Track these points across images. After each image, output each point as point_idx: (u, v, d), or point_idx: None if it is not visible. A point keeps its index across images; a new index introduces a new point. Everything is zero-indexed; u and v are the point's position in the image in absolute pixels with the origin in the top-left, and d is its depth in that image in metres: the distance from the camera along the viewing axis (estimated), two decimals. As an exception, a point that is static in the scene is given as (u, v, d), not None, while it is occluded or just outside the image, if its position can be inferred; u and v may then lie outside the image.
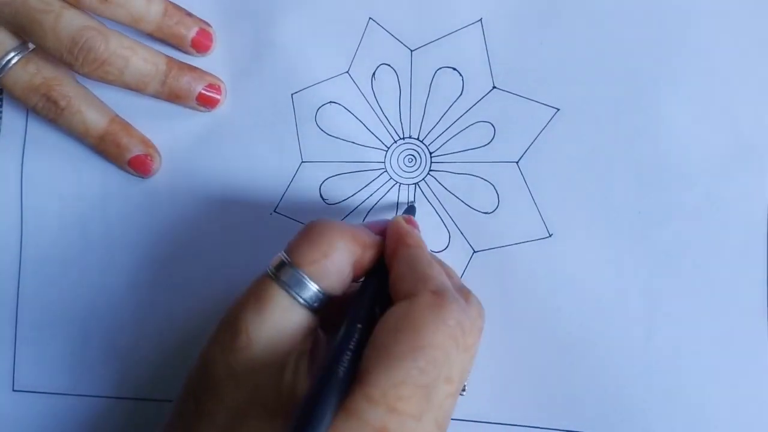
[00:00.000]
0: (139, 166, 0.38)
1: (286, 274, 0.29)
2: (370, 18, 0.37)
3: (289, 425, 0.25)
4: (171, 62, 0.37)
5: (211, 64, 0.38)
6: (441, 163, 0.37)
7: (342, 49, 0.37)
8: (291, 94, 0.37)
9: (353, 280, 0.31)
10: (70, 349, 0.38)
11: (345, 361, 0.27)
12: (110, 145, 0.38)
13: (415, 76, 0.37)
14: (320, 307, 0.30)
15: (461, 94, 0.36)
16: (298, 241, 0.30)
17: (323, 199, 0.37)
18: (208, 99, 0.37)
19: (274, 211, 0.37)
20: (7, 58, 0.36)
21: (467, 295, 0.31)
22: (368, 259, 0.31)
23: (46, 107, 0.37)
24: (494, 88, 0.36)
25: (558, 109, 0.36)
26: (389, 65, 0.37)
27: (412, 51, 0.37)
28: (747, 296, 0.34)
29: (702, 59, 0.35)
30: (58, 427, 0.38)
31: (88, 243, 0.38)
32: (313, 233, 0.30)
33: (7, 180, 0.39)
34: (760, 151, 0.34)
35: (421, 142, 0.37)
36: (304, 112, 0.37)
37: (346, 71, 0.37)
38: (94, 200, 0.39)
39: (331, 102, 0.37)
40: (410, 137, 0.37)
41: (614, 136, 0.35)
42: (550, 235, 0.35)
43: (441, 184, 0.36)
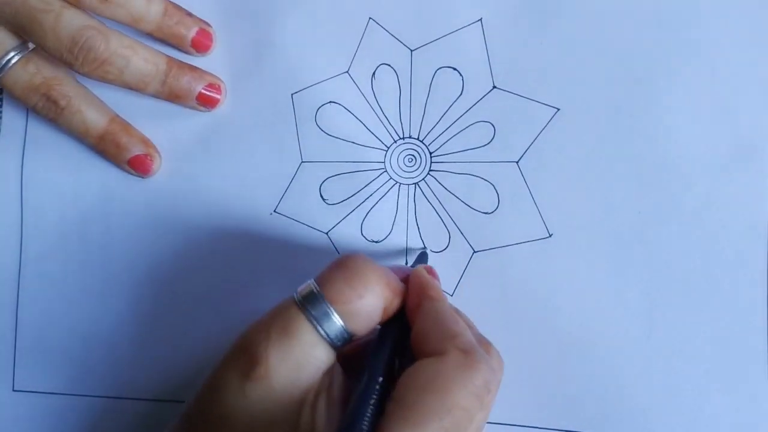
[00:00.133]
0: (139, 165, 0.38)
1: (317, 309, 0.28)
2: (370, 18, 0.37)
3: None
4: (171, 62, 0.37)
5: (211, 64, 0.38)
6: (441, 163, 0.37)
7: (342, 49, 0.37)
8: (291, 94, 0.37)
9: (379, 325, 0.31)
10: (70, 349, 0.38)
11: (367, 416, 0.26)
12: (110, 145, 0.38)
13: (415, 76, 0.37)
14: (342, 346, 0.29)
15: (461, 94, 0.36)
16: (333, 275, 0.29)
17: (323, 199, 0.37)
18: (208, 99, 0.37)
19: (274, 211, 0.37)
20: (7, 58, 0.36)
21: (488, 347, 0.30)
22: (396, 306, 0.30)
23: (46, 107, 0.37)
24: (494, 87, 0.36)
25: (558, 109, 0.36)
26: (389, 65, 0.37)
27: (412, 51, 0.37)
28: (746, 296, 0.34)
29: (702, 59, 0.35)
30: (58, 427, 0.38)
31: (88, 243, 0.38)
32: (350, 271, 0.29)
33: (7, 180, 0.39)
34: (761, 151, 0.34)
35: (421, 142, 0.37)
36: (304, 112, 0.37)
37: (346, 71, 0.37)
38: (94, 200, 0.39)
39: (331, 102, 0.37)
40: (410, 137, 0.37)
41: (614, 136, 0.35)
42: (550, 235, 0.35)
43: (441, 184, 0.36)
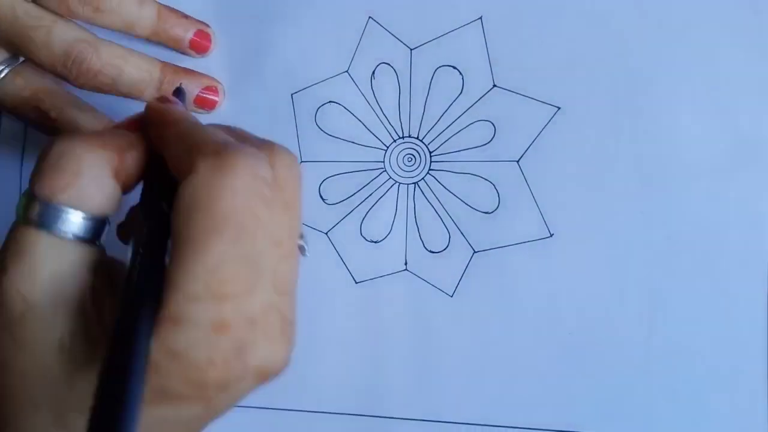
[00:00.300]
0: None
1: (38, 212, 0.25)
2: (369, 17, 0.37)
3: (102, 362, 0.21)
4: (165, 68, 0.37)
5: (211, 64, 0.38)
6: (441, 162, 0.36)
7: (341, 49, 0.37)
8: (291, 94, 0.37)
9: (125, 190, 0.27)
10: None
11: (144, 270, 0.24)
12: None
13: (415, 75, 0.37)
14: (96, 234, 0.26)
15: (461, 93, 0.36)
16: (40, 170, 0.25)
17: (322, 199, 0.37)
18: (205, 101, 0.37)
19: (274, 211, 0.37)
20: None
21: (270, 146, 0.27)
22: (133, 161, 0.27)
23: (39, 119, 0.36)
24: (494, 86, 0.36)
25: (559, 108, 0.35)
26: (389, 64, 0.37)
27: (411, 50, 0.37)
28: (747, 296, 0.34)
29: (703, 58, 0.35)
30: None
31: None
32: (53, 155, 0.25)
33: (7, 180, 0.39)
34: (762, 151, 0.34)
35: (421, 141, 0.37)
36: (304, 112, 0.37)
37: (346, 71, 0.37)
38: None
39: (330, 102, 0.37)
40: (410, 136, 0.37)
41: (615, 135, 0.35)
42: (551, 235, 0.35)
43: (441, 184, 0.36)
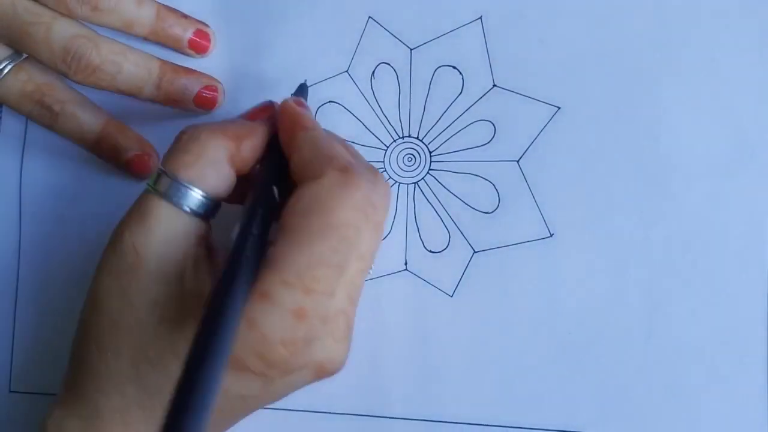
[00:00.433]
0: (137, 166, 0.37)
1: (164, 185, 0.29)
2: (369, 17, 0.37)
3: (202, 316, 0.24)
4: (165, 66, 0.37)
5: (210, 64, 0.38)
6: (441, 162, 0.36)
7: (341, 49, 0.37)
8: (291, 94, 0.37)
9: (241, 177, 0.31)
10: (68, 350, 0.38)
11: (250, 246, 0.26)
12: (107, 147, 0.37)
13: (415, 75, 0.37)
14: (209, 212, 0.30)
15: (461, 93, 0.36)
16: (170, 150, 0.30)
17: (323, 199, 0.37)
18: (205, 100, 0.37)
19: (274, 211, 0.37)
20: None
21: (375, 173, 0.30)
22: (249, 149, 0.30)
23: (41, 114, 0.37)
24: (494, 86, 0.36)
25: (559, 108, 0.36)
26: (389, 64, 0.37)
27: (411, 49, 0.37)
28: (747, 296, 0.34)
29: (704, 58, 0.35)
30: (57, 428, 0.38)
31: (87, 243, 0.38)
32: (183, 139, 0.30)
33: (7, 180, 0.39)
34: (762, 151, 0.34)
35: (421, 141, 0.37)
36: (304, 112, 0.37)
37: (346, 70, 0.37)
38: (94, 200, 0.38)
39: (330, 101, 0.37)
40: (410, 136, 0.37)
41: (615, 135, 0.35)
42: (551, 235, 0.35)
43: (441, 184, 0.36)
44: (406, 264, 0.36)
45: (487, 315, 0.35)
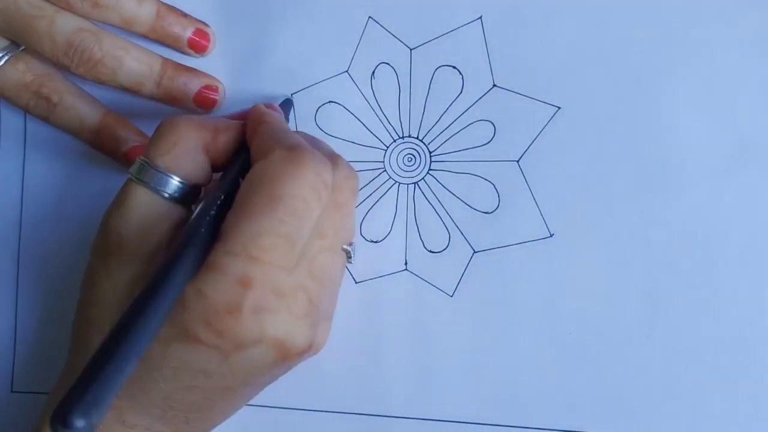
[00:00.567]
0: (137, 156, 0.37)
1: (142, 171, 0.31)
2: (369, 17, 0.37)
3: (149, 278, 0.25)
4: (166, 63, 0.37)
5: (210, 64, 0.38)
6: (441, 162, 0.36)
7: (341, 49, 0.37)
8: (291, 94, 0.37)
9: (215, 168, 0.32)
10: (69, 350, 0.38)
11: (205, 222, 0.28)
12: (106, 138, 0.37)
13: (415, 75, 0.37)
14: (185, 198, 0.31)
15: (461, 93, 0.36)
16: (150, 140, 0.31)
17: (323, 199, 0.37)
18: (205, 100, 0.37)
19: (274, 211, 0.37)
20: None
21: (336, 158, 0.31)
22: (223, 142, 0.32)
23: (39, 104, 0.37)
24: (494, 86, 0.36)
25: (559, 108, 0.35)
26: (389, 64, 0.37)
27: (411, 49, 0.37)
28: (747, 296, 0.34)
29: (704, 58, 0.35)
30: (58, 427, 0.38)
31: (87, 243, 0.38)
32: (161, 129, 0.31)
33: (7, 180, 0.39)
34: (762, 151, 0.34)
35: (421, 141, 0.37)
36: (304, 112, 0.37)
37: (346, 70, 0.37)
38: (94, 200, 0.38)
39: (330, 102, 0.37)
40: (410, 136, 0.37)
41: (615, 134, 0.35)
42: (551, 235, 0.35)
43: (441, 184, 0.36)
44: (406, 264, 0.36)
45: (487, 315, 0.35)
